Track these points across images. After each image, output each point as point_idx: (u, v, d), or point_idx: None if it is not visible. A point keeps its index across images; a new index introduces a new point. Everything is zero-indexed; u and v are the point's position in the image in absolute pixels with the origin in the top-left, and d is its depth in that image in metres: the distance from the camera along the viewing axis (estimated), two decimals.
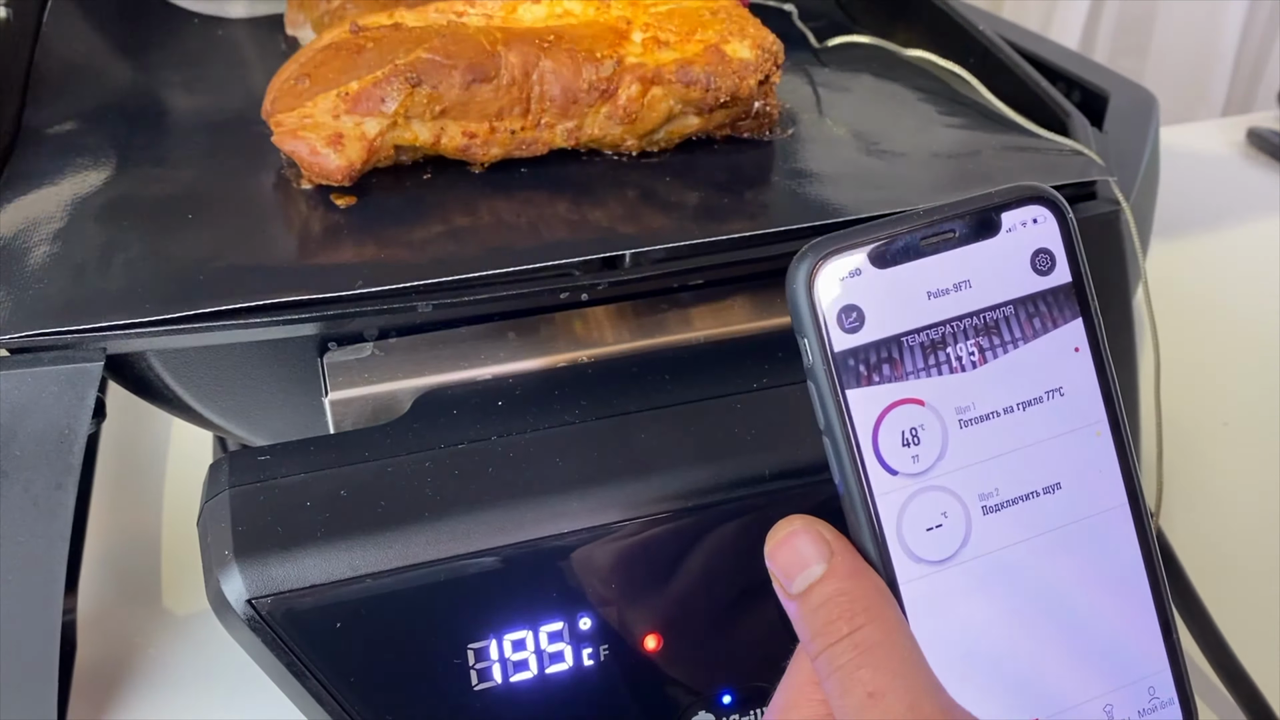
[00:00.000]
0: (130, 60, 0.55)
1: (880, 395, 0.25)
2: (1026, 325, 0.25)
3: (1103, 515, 0.26)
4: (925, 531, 0.25)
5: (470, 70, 0.43)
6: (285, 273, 0.39)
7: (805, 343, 0.26)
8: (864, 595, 0.25)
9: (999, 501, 0.25)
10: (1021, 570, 0.25)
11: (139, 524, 0.54)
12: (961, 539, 0.25)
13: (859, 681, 0.24)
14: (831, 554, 0.26)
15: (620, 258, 0.41)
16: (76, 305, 0.37)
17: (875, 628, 0.24)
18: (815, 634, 0.25)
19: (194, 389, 0.40)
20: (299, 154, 0.42)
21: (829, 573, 0.25)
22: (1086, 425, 0.26)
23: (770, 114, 0.48)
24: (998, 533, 0.25)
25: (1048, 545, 0.25)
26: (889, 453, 0.25)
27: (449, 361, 0.39)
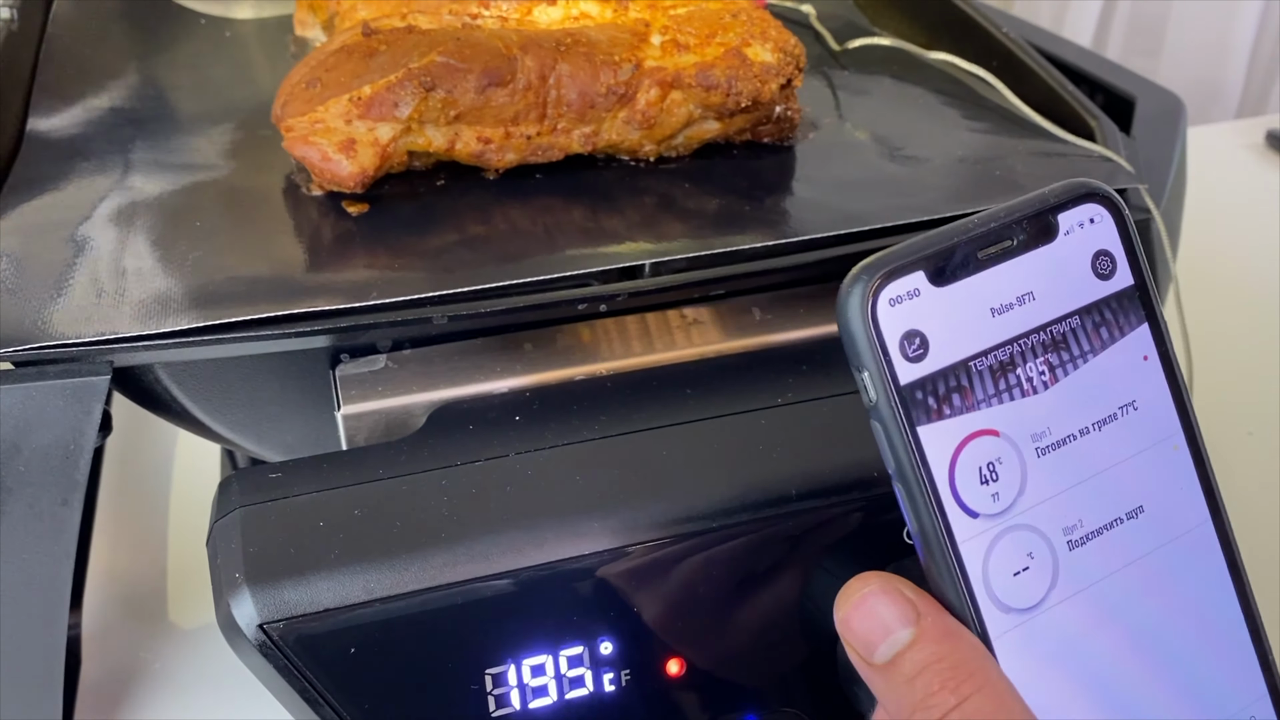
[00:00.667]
0: (136, 62, 0.54)
1: (953, 430, 0.23)
2: (1094, 336, 0.23)
3: (1187, 536, 0.24)
4: (1012, 577, 0.23)
5: (486, 74, 0.42)
6: (297, 283, 0.38)
7: (865, 378, 0.23)
8: (964, 659, 0.22)
9: (1084, 534, 0.23)
10: (1112, 607, 0.23)
11: (144, 536, 0.53)
12: (1050, 581, 0.23)
13: None
14: (919, 615, 0.23)
15: (640, 267, 0.40)
16: (82, 317, 0.36)
17: (984, 696, 0.22)
18: (913, 708, 0.22)
19: (202, 402, 0.39)
20: (310, 160, 0.41)
21: (919, 637, 0.23)
22: (1163, 440, 0.24)
23: (791, 118, 0.47)
24: (1085, 568, 0.23)
25: (1136, 576, 0.23)
26: (967, 493, 0.22)
27: (464, 374, 0.38)
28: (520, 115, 0.43)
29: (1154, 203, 0.45)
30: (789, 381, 0.38)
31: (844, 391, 0.37)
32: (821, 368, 0.39)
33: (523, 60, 0.43)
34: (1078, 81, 0.57)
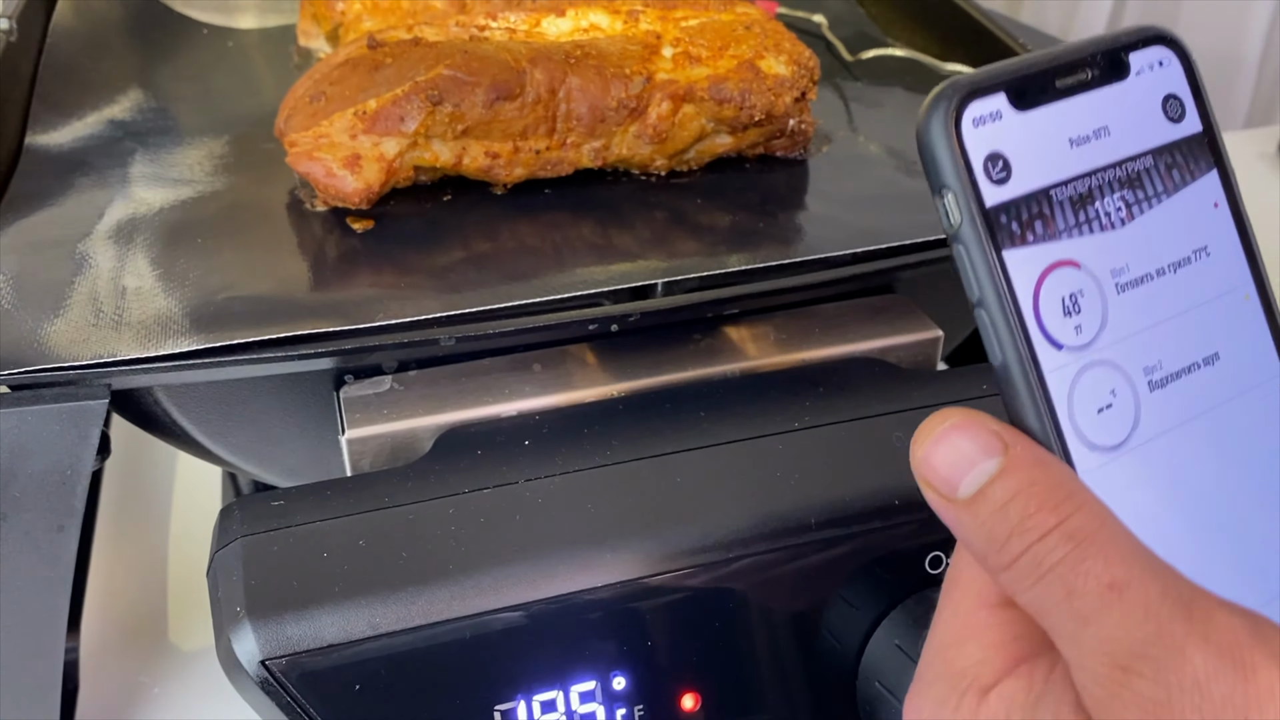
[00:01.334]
0: (137, 73, 0.53)
1: (1037, 256, 0.22)
2: (1166, 178, 0.23)
3: (1263, 389, 0.24)
4: (1097, 413, 0.22)
5: (494, 88, 0.41)
6: (300, 304, 0.37)
7: (949, 199, 0.22)
8: (1060, 482, 0.21)
9: (1163, 375, 0.23)
10: (1194, 453, 0.23)
11: (144, 556, 0.52)
12: (1132, 420, 0.22)
13: (1088, 575, 0.20)
14: (1006, 446, 0.21)
15: (651, 287, 0.39)
16: (80, 338, 0.35)
17: (1086, 514, 0.20)
18: (1008, 534, 0.21)
19: (203, 425, 0.38)
20: (314, 176, 0.40)
21: (1009, 466, 0.21)
22: (1234, 289, 0.24)
23: (805, 132, 0.46)
24: (1166, 411, 0.23)
25: (1214, 424, 0.23)
26: (1051, 323, 0.22)
27: (472, 397, 0.37)
28: (529, 129, 0.42)
29: None
30: (806, 404, 0.37)
31: (862, 416, 0.36)
32: (839, 390, 0.38)
33: (532, 73, 0.42)
34: None
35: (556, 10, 0.46)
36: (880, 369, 0.39)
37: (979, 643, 0.22)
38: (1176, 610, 0.19)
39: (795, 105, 0.45)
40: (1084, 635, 0.20)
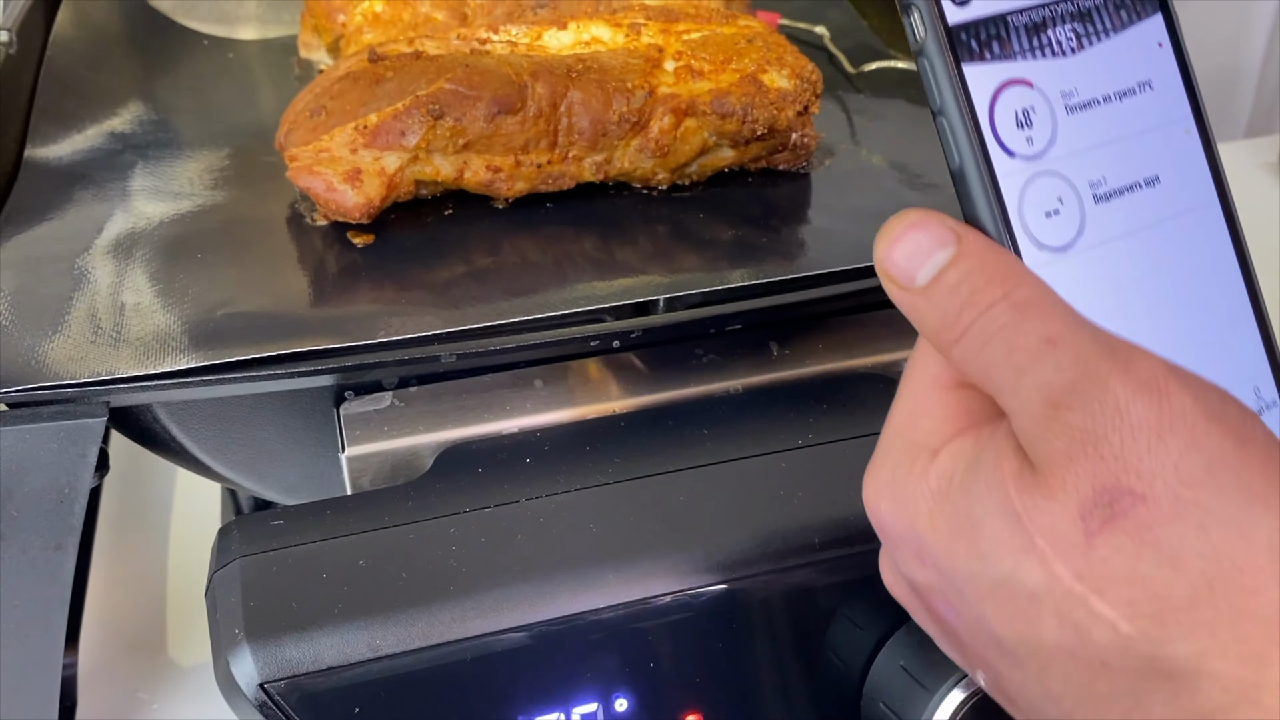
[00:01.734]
0: (138, 85, 0.53)
1: (993, 73, 0.24)
2: (1114, 16, 0.26)
3: (1198, 212, 0.26)
4: (1045, 217, 0.24)
5: (495, 102, 0.41)
6: (301, 320, 0.36)
7: (916, 16, 0.24)
8: (1007, 264, 0.23)
9: (1108, 190, 0.25)
10: (1133, 262, 0.25)
11: (143, 570, 0.52)
12: (1078, 227, 0.25)
13: (1028, 333, 0.22)
14: (959, 237, 0.24)
15: (654, 303, 0.39)
16: (78, 356, 0.34)
17: (1029, 288, 0.23)
18: (958, 310, 0.23)
19: (202, 442, 0.38)
20: (315, 191, 0.40)
21: (961, 253, 0.23)
22: (1176, 122, 0.26)
23: (808, 145, 0.46)
24: (1109, 222, 0.25)
25: (1153, 240, 0.25)
26: (1005, 132, 0.24)
27: (473, 413, 0.37)
28: (531, 143, 0.42)
29: None
30: (809, 421, 0.37)
31: (867, 433, 0.36)
32: (843, 407, 0.37)
33: (533, 87, 0.41)
34: None
35: (558, 23, 0.46)
36: (884, 385, 0.39)
37: (931, 417, 0.25)
38: (1103, 353, 0.21)
39: (798, 119, 0.45)
40: (1022, 384, 0.22)
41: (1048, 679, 0.22)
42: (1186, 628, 0.20)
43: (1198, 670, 0.20)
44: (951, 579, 0.23)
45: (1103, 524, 0.21)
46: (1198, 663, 0.20)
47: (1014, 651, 0.22)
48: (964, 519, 0.23)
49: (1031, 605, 0.22)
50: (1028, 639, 0.22)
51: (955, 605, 0.24)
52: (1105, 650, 0.21)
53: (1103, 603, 0.21)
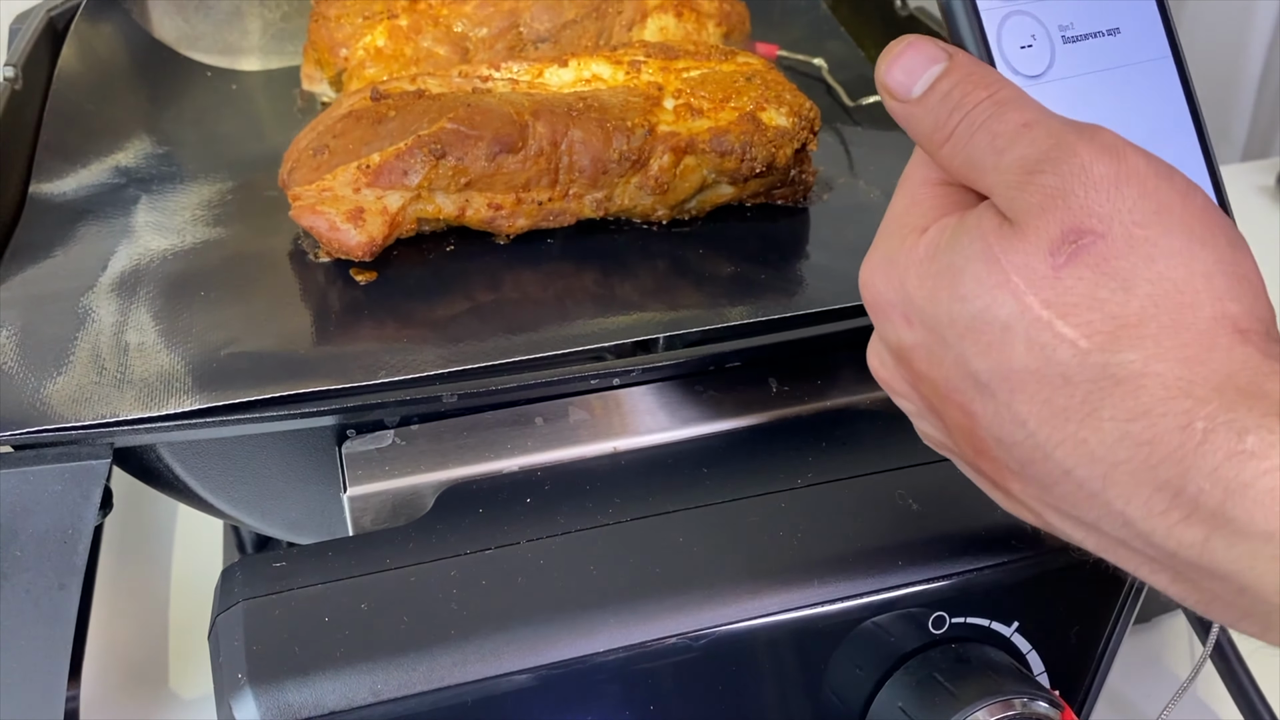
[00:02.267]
0: (142, 117, 0.54)
1: None
2: None
3: (1155, 63, 0.29)
4: (1020, 49, 0.28)
5: (497, 141, 0.41)
6: (304, 360, 0.37)
7: None
8: (991, 73, 0.27)
9: (1074, 35, 0.28)
10: (1097, 96, 0.28)
11: (145, 604, 0.52)
12: (1048, 61, 0.28)
13: (1008, 120, 0.26)
14: (949, 55, 0.27)
15: (653, 341, 0.39)
16: (83, 397, 0.35)
17: (1010, 89, 0.26)
18: (949, 112, 0.26)
19: (205, 480, 0.38)
20: (318, 230, 0.40)
21: (951, 67, 0.27)
22: None
23: (806, 181, 0.47)
24: (1076, 61, 0.28)
25: (1114, 80, 0.29)
26: None
27: (474, 452, 0.37)
28: (532, 181, 0.42)
29: None
30: (809, 460, 0.37)
31: (867, 472, 0.36)
32: (842, 444, 0.38)
33: (534, 126, 0.42)
34: None
35: (559, 61, 0.47)
36: (882, 422, 0.39)
37: (921, 207, 0.28)
38: (1071, 129, 0.25)
39: (796, 156, 0.45)
40: (1002, 161, 0.25)
41: (1016, 402, 0.25)
42: (1135, 339, 0.24)
43: (1142, 372, 0.23)
44: (934, 326, 0.26)
45: (1068, 259, 0.24)
46: (1142, 366, 0.23)
47: (988, 383, 0.25)
48: (946, 269, 0.26)
49: (1005, 333, 0.25)
50: (1000, 366, 0.25)
51: (937, 353, 0.27)
52: (1066, 365, 0.24)
53: (1066, 324, 0.24)
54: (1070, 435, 0.24)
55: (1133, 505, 0.24)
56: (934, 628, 0.34)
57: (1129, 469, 0.24)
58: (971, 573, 0.34)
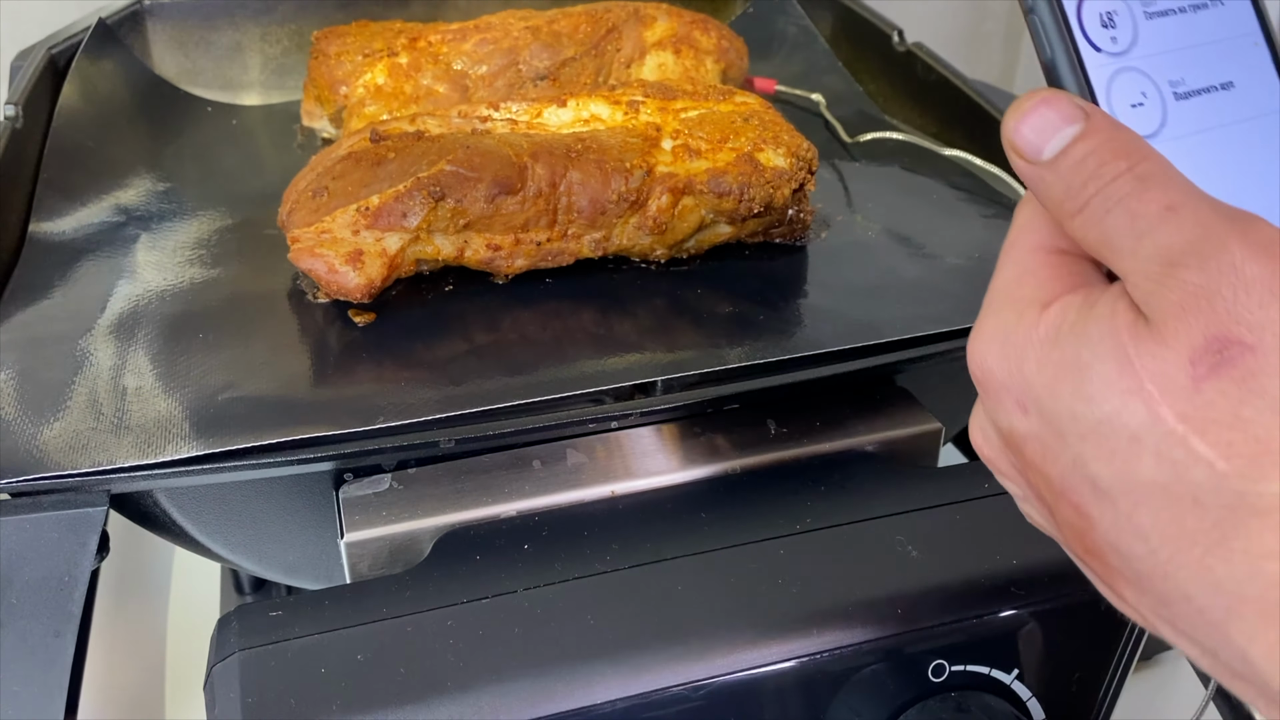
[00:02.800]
0: (143, 154, 0.54)
1: None
2: None
3: (1268, 117, 0.28)
4: (1131, 108, 0.26)
5: (496, 183, 0.41)
6: (303, 404, 0.37)
7: None
8: (1132, 140, 0.25)
9: (1186, 90, 0.27)
10: (1213, 154, 0.27)
11: (141, 647, 0.52)
12: (1160, 119, 0.27)
13: (1151, 200, 0.23)
14: (1086, 115, 0.25)
15: (652, 384, 0.39)
16: (79, 444, 0.35)
17: (1153, 161, 0.24)
18: (1084, 182, 0.24)
19: (202, 525, 0.38)
20: (316, 272, 0.41)
21: (1089, 129, 0.25)
22: (1246, 35, 0.28)
23: (804, 220, 0.47)
24: (1189, 118, 0.27)
25: (1230, 136, 0.28)
26: (1092, 30, 0.26)
27: (471, 497, 0.37)
28: (530, 222, 0.42)
29: None
30: (807, 504, 0.37)
31: (865, 518, 0.36)
32: (841, 488, 0.38)
33: (533, 168, 0.42)
34: None
35: (558, 100, 0.47)
36: (881, 465, 0.39)
37: (1037, 277, 0.26)
38: (1221, 219, 0.23)
39: (794, 196, 0.45)
40: (1141, 246, 0.23)
41: (1138, 515, 0.23)
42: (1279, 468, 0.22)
43: None
44: (1053, 420, 0.25)
45: (1210, 370, 0.22)
46: None
47: (1109, 490, 0.24)
48: (1072, 362, 0.24)
49: (1132, 444, 0.23)
50: (1124, 476, 0.23)
51: (1053, 448, 0.25)
52: (1199, 487, 0.22)
53: (1203, 442, 0.22)
54: (1196, 560, 0.22)
55: (1256, 645, 0.22)
56: (933, 676, 0.34)
57: (1257, 607, 0.22)
58: (971, 620, 0.34)
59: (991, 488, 0.38)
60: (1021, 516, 0.28)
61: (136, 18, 0.61)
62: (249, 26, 0.63)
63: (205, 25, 0.62)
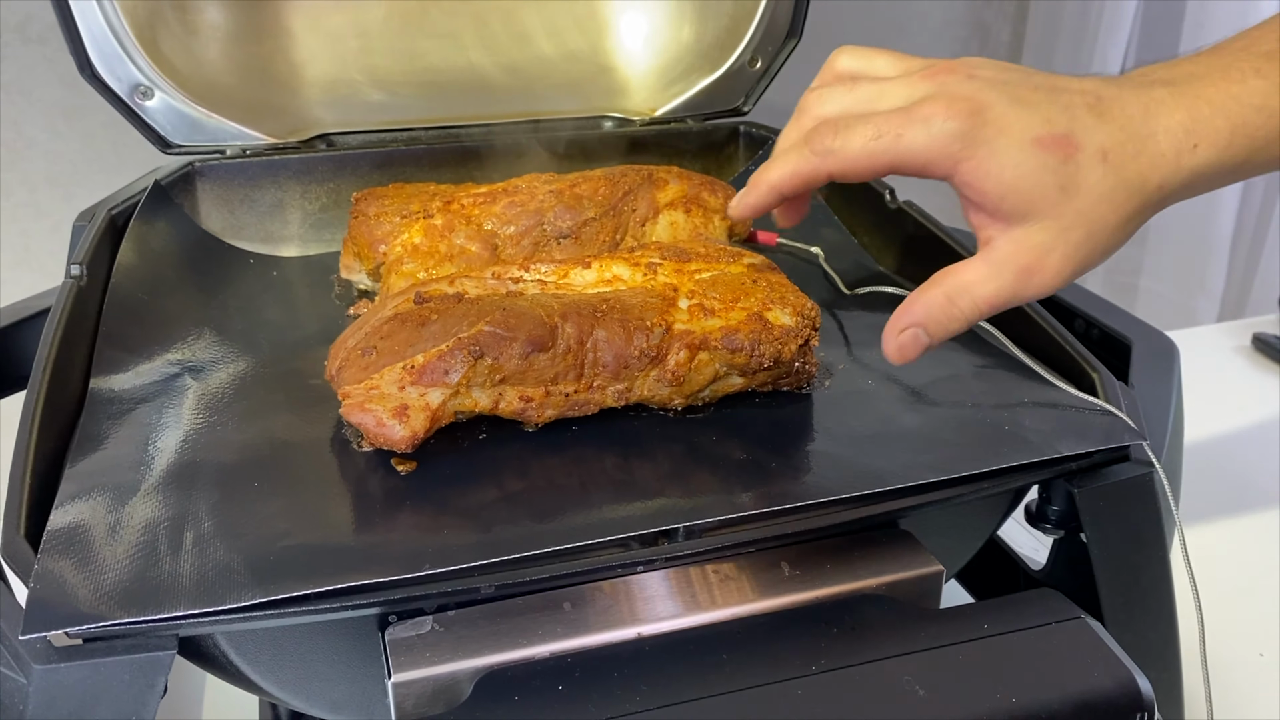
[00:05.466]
0: (192, 306, 0.58)
1: None
2: None
3: None
4: None
5: (530, 342, 0.45)
6: (353, 552, 0.40)
7: None
8: None
9: None
10: None
11: None
12: None
13: None
14: None
15: (673, 531, 0.42)
16: (148, 591, 0.37)
17: None
18: None
19: (256, 665, 0.40)
20: (365, 426, 0.44)
21: None
22: None
23: (809, 370, 0.51)
24: None
25: None
26: None
27: (508, 638, 0.40)
28: (560, 375, 0.46)
29: (1155, 455, 0.47)
30: (821, 646, 0.40)
31: (875, 658, 0.39)
32: (852, 630, 0.40)
33: (563, 327, 0.46)
34: (1072, 317, 0.60)
35: (583, 263, 0.51)
36: (889, 607, 0.42)
37: None
38: None
39: (799, 350, 0.49)
40: None
41: None
42: None
43: None
44: None
45: None
46: None
47: None
48: None
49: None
50: None
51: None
52: None
53: None
54: None
55: None
56: None
57: None
58: None
59: (991, 629, 0.41)
60: (1017, 658, 0.31)
61: (188, 179, 0.66)
62: (290, 185, 0.68)
63: (250, 184, 0.67)
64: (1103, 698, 0.38)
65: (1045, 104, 0.41)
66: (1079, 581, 0.48)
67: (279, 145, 0.69)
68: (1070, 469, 0.46)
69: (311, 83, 0.72)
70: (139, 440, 0.46)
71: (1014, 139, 0.40)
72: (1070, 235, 0.41)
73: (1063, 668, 0.39)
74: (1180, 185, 0.42)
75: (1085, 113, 0.41)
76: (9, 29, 0.94)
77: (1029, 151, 0.40)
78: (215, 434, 0.47)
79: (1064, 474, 0.46)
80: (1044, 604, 0.42)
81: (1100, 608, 0.47)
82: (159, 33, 0.66)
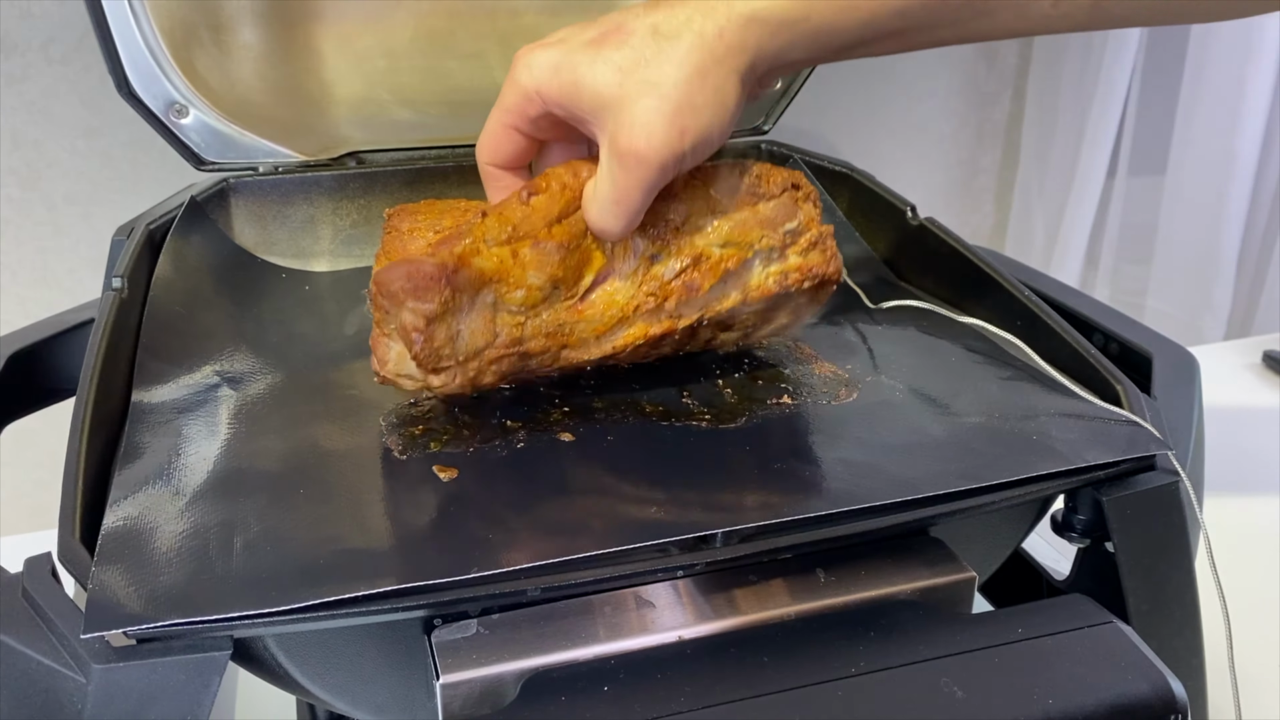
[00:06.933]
0: (228, 320, 0.59)
1: None
2: None
3: None
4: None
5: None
6: (400, 556, 0.41)
7: None
8: None
9: None
10: None
11: None
12: None
13: None
14: None
15: (712, 536, 0.43)
16: (203, 593, 0.38)
17: None
18: None
19: (304, 667, 0.41)
20: (394, 275, 0.45)
21: None
22: None
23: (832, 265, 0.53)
24: None
25: None
26: None
27: (552, 641, 0.41)
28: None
29: (1180, 464, 0.48)
30: (859, 649, 0.40)
31: (913, 661, 0.40)
32: (888, 633, 0.41)
33: None
34: (1092, 331, 0.61)
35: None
36: (922, 611, 0.43)
37: None
38: None
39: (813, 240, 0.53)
40: None
41: None
42: None
43: None
44: None
45: None
46: None
47: None
48: None
49: None
50: None
51: None
52: None
53: None
54: None
55: None
56: None
57: None
58: None
59: (1025, 633, 0.41)
60: (1052, 662, 0.32)
61: (222, 195, 0.67)
62: (322, 201, 0.69)
63: (282, 201, 0.68)
64: (1137, 701, 0.39)
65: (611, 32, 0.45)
66: (1104, 590, 0.49)
67: (310, 163, 0.70)
68: (1098, 478, 0.47)
69: (341, 101, 0.73)
70: (183, 448, 0.47)
71: (573, 47, 0.45)
72: (645, 103, 0.43)
73: (1097, 671, 0.40)
74: (742, 28, 0.44)
75: (640, 14, 0.45)
76: (33, 50, 0.96)
77: (587, 53, 0.44)
78: (257, 442, 0.48)
79: (1092, 482, 0.47)
80: (1075, 609, 0.43)
81: (1127, 615, 0.48)
82: (194, 53, 0.67)
